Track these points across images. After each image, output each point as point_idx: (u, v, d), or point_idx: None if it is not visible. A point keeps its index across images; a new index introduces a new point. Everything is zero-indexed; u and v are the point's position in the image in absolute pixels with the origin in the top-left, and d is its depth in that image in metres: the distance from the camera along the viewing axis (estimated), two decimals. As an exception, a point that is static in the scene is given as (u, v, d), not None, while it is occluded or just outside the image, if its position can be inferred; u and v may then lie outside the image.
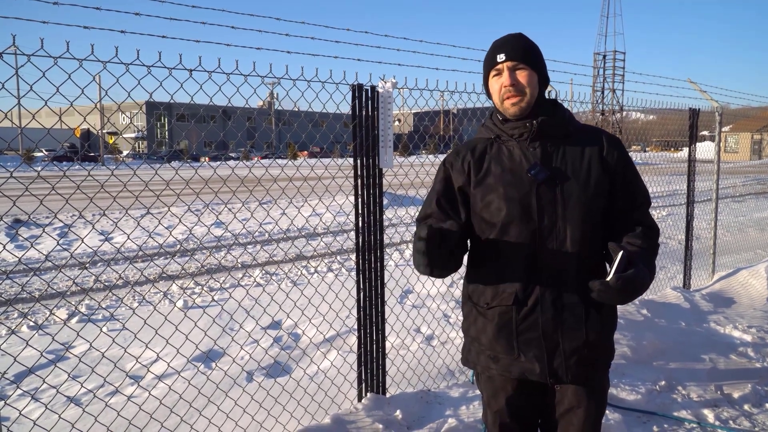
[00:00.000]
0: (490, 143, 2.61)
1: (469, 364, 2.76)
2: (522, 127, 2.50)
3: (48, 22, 3.19)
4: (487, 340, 2.59)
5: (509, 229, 2.48)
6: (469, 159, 2.60)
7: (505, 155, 2.55)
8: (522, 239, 2.47)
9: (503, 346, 2.54)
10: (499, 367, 2.59)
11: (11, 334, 6.62)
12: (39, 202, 3.12)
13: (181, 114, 69.55)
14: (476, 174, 2.57)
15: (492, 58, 2.53)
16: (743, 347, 6.05)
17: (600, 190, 2.49)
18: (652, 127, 33.17)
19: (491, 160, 2.57)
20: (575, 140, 2.55)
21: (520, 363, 2.53)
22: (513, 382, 2.63)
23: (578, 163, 2.50)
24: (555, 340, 2.47)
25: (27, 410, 4.64)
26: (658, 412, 4.72)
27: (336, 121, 5.73)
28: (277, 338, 6.51)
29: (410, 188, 6.04)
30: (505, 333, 2.53)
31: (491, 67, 2.54)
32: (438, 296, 7.75)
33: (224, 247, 12.25)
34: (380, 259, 4.57)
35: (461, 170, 2.61)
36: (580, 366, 2.50)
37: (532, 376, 2.53)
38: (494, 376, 2.65)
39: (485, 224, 2.55)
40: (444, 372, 5.38)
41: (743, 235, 13.88)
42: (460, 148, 2.69)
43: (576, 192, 2.45)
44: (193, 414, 4.22)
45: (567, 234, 2.45)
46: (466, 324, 2.74)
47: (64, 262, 10.57)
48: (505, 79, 2.48)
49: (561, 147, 2.52)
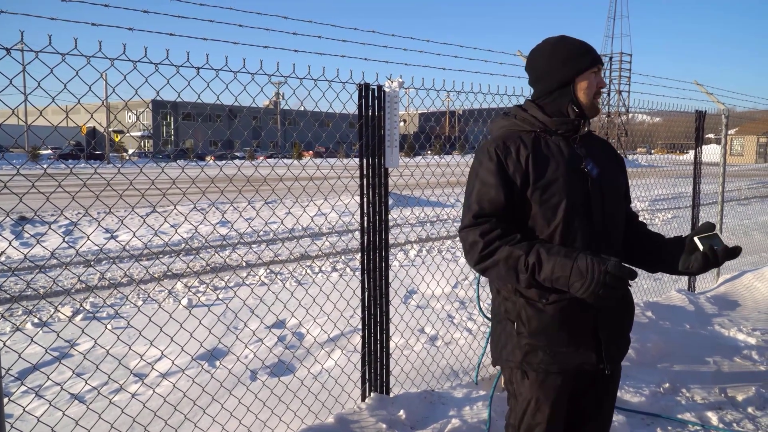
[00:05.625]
0: (534, 136, 2.61)
1: (516, 363, 2.67)
2: (570, 123, 2.62)
3: (56, 19, 3.19)
4: (547, 336, 2.57)
5: (571, 223, 2.51)
6: (525, 152, 2.55)
7: (555, 149, 2.60)
8: (582, 232, 2.53)
9: (564, 339, 2.57)
10: (558, 361, 2.58)
11: (16, 330, 6.64)
12: (45, 198, 3.12)
13: (187, 113, 69.70)
14: (534, 168, 2.53)
15: (592, 55, 2.64)
16: (747, 350, 6.04)
17: (625, 190, 2.84)
18: (657, 129, 33.04)
19: (546, 154, 2.57)
20: (595, 141, 2.78)
21: (579, 354, 2.59)
22: (571, 375, 2.64)
23: (607, 161, 2.72)
24: (609, 328, 2.63)
25: (31, 407, 4.65)
26: (662, 414, 4.72)
27: (342, 121, 5.73)
28: (282, 337, 6.51)
29: (416, 188, 6.04)
30: (567, 327, 2.56)
31: (594, 63, 2.63)
32: (443, 297, 7.75)
33: (229, 246, 12.26)
34: (385, 259, 4.56)
35: (518, 164, 2.54)
36: (618, 354, 2.72)
37: (589, 366, 2.61)
38: (551, 372, 2.61)
39: (545, 219, 2.52)
40: (448, 372, 5.38)
41: (748, 238, 13.83)
42: (505, 140, 2.60)
43: (615, 190, 2.68)
44: (197, 412, 4.22)
45: (614, 226, 2.64)
46: (516, 323, 2.64)
47: (70, 259, 10.60)
48: (602, 81, 2.65)
49: (595, 147, 2.72)
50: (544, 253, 2.40)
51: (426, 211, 14.29)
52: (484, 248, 2.50)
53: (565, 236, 2.51)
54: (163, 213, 15.62)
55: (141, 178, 3.71)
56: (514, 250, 2.44)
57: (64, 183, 3.28)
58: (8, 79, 2.91)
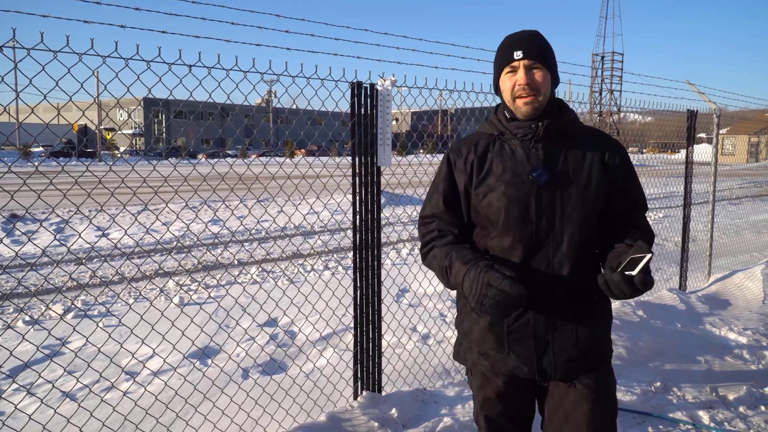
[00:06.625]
0: (493, 140, 2.57)
1: (459, 358, 2.77)
2: (527, 128, 2.46)
3: (48, 16, 3.18)
4: (478, 336, 2.59)
5: (507, 229, 2.46)
6: (471, 158, 2.56)
7: (508, 154, 2.51)
8: (519, 241, 2.45)
9: (493, 343, 2.54)
10: (489, 363, 2.59)
11: (7, 328, 6.61)
12: (37, 196, 3.11)
13: (179, 111, 69.49)
14: (478, 173, 2.53)
15: (508, 54, 2.48)
16: (738, 349, 6.06)
17: (599, 195, 2.49)
18: (649, 128, 33.15)
19: (493, 159, 2.53)
20: (578, 142, 2.53)
21: (510, 361, 2.53)
22: (502, 379, 2.61)
23: (579, 166, 2.48)
24: (546, 339, 2.48)
25: (22, 405, 4.63)
26: (653, 413, 4.73)
27: (334, 119, 5.73)
28: (274, 336, 6.51)
29: (408, 187, 6.04)
30: (496, 331, 2.53)
31: (506, 63, 2.48)
32: (434, 295, 7.76)
33: (221, 244, 12.24)
34: (377, 257, 4.57)
35: (463, 169, 2.57)
36: (569, 363, 2.50)
37: (521, 374, 2.53)
38: (486, 374, 2.64)
39: (484, 224, 2.54)
40: (440, 371, 5.38)
41: (739, 237, 13.90)
42: (461, 145, 2.63)
43: (576, 196, 2.45)
44: (189, 410, 4.21)
45: (564, 237, 2.44)
46: (459, 319, 2.74)
47: (61, 257, 10.56)
48: (520, 78, 2.43)
49: (564, 149, 2.50)
50: (454, 258, 2.43)
51: (418, 209, 14.29)
52: (422, 247, 2.65)
53: (502, 243, 2.49)
54: (155, 211, 15.58)
55: (132, 176, 3.70)
56: (438, 252, 2.53)
57: (56, 181, 3.27)
58: (0, 77, 2.90)
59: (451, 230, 2.58)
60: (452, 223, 2.59)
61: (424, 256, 2.64)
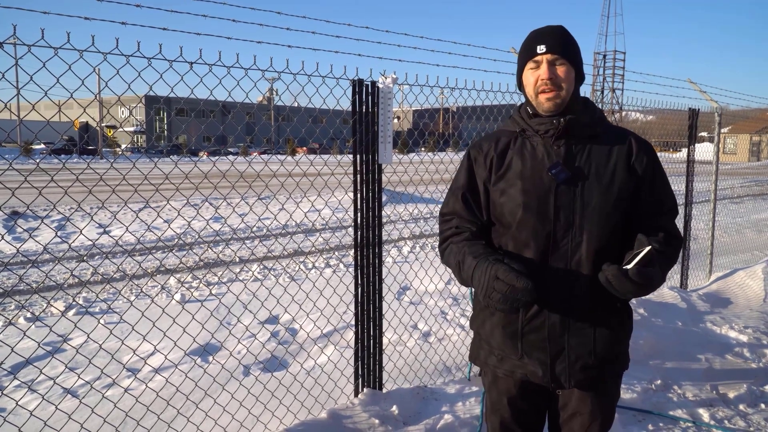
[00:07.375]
0: (515, 137, 2.53)
1: (477, 362, 2.72)
2: (548, 124, 2.41)
3: (49, 13, 3.18)
4: (495, 339, 2.56)
5: (525, 226, 2.41)
6: (491, 154, 2.53)
7: (528, 151, 2.47)
8: (536, 239, 2.41)
9: (509, 346, 2.50)
10: (504, 367, 2.56)
11: (9, 325, 6.62)
12: (38, 192, 3.12)
13: (181, 108, 69.47)
14: (497, 170, 2.50)
15: (531, 48, 2.43)
16: (739, 347, 6.06)
17: (623, 195, 2.42)
18: (651, 127, 33.06)
19: (513, 156, 2.49)
20: (603, 141, 2.47)
21: (524, 365, 2.49)
22: (517, 384, 2.59)
23: (603, 165, 2.43)
24: (560, 344, 2.43)
25: (24, 401, 4.64)
26: (653, 410, 4.74)
27: (336, 117, 5.73)
28: (275, 333, 6.51)
29: (409, 185, 6.04)
30: (510, 334, 2.49)
31: (530, 57, 2.43)
32: (435, 293, 7.76)
33: (222, 242, 12.25)
34: (378, 255, 4.57)
35: (483, 165, 2.54)
36: (585, 372, 2.44)
37: (535, 379, 2.50)
38: (499, 376, 2.62)
39: (502, 221, 2.50)
40: (440, 368, 5.39)
41: (741, 236, 13.90)
42: (482, 141, 2.61)
43: (596, 195, 2.38)
44: (190, 407, 4.22)
45: (583, 237, 2.38)
46: (477, 322, 2.68)
47: (62, 254, 10.57)
48: (543, 73, 2.39)
49: (587, 147, 2.45)
50: (467, 253, 2.41)
51: (420, 207, 14.30)
52: (440, 244, 2.64)
53: (519, 240, 2.45)
54: (156, 208, 15.58)
55: (134, 173, 3.70)
56: (455, 248, 2.51)
57: (57, 177, 3.27)
58: (1, 73, 2.90)
59: (469, 227, 2.55)
60: (470, 221, 2.56)
61: (442, 252, 2.62)
